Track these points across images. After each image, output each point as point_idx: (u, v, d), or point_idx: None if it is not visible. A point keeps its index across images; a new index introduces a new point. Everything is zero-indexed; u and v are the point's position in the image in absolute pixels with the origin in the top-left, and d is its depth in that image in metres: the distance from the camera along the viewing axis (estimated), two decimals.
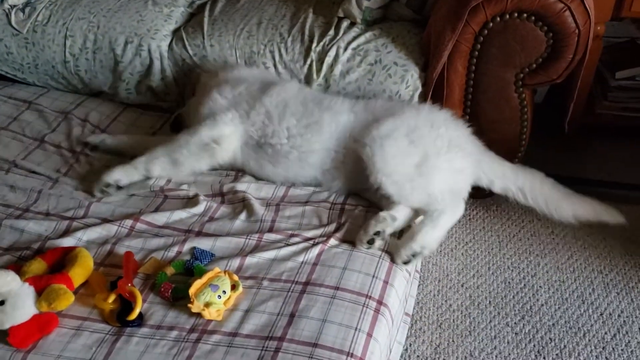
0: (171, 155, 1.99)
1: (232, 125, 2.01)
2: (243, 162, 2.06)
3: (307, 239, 1.81)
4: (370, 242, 1.75)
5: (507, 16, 2.00)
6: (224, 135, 2.00)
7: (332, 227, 1.86)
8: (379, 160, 1.86)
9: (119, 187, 1.98)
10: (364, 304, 1.62)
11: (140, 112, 2.45)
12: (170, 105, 2.45)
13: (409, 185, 1.86)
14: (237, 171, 2.09)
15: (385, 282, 1.70)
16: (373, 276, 1.70)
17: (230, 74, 2.19)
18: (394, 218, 1.82)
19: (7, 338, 1.49)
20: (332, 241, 1.79)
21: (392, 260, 1.76)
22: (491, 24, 2.03)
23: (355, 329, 1.54)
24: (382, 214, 1.82)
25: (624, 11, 2.51)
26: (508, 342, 1.98)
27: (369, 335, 1.55)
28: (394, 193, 1.86)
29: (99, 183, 1.98)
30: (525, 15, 1.99)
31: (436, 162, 1.88)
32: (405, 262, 1.76)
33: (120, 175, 1.98)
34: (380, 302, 1.64)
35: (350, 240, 1.81)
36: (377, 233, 1.76)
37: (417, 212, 1.90)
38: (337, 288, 1.65)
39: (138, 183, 2.02)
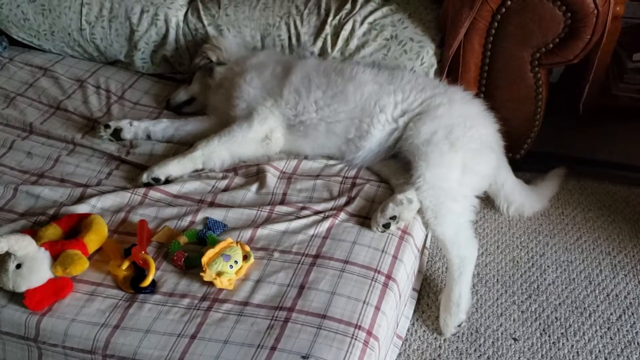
0: (230, 149, 2.02)
1: (274, 116, 2.06)
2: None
3: (318, 212, 1.83)
4: (386, 226, 1.76)
5: None
6: (272, 129, 2.05)
7: (343, 200, 1.88)
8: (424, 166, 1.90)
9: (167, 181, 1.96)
10: (373, 278, 1.64)
11: (155, 81, 2.47)
12: (183, 78, 2.45)
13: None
14: None
15: (395, 257, 1.72)
16: (382, 251, 1.72)
17: (250, 61, 2.20)
18: (411, 200, 1.83)
19: (23, 301, 1.53)
20: (343, 215, 1.81)
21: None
22: (509, 2, 2.00)
23: (364, 302, 1.57)
24: (400, 196, 1.82)
25: None
26: (514, 320, 2.00)
27: (377, 308, 1.58)
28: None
29: (149, 174, 1.94)
30: None
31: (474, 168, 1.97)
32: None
33: (175, 170, 1.96)
34: (389, 277, 1.66)
35: (360, 215, 1.83)
36: (394, 217, 1.77)
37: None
38: (346, 262, 1.67)
39: None
